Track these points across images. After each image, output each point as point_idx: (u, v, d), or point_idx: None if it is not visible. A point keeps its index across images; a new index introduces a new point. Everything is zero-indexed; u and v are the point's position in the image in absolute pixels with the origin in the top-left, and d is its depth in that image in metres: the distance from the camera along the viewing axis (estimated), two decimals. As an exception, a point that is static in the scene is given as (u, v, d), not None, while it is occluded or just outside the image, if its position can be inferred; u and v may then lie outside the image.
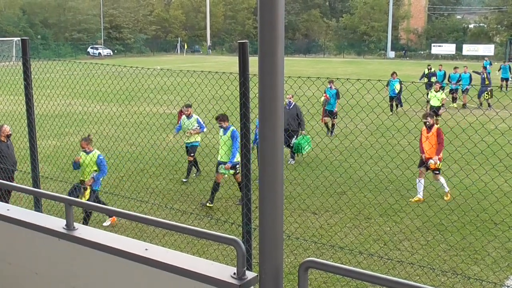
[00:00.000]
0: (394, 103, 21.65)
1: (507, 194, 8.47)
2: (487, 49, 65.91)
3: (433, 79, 25.40)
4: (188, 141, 12.51)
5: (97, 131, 14.77)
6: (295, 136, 13.45)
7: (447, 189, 10.54)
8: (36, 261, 3.36)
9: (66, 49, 70.36)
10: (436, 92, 19.00)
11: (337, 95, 17.45)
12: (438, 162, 10.56)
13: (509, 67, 29.99)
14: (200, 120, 12.43)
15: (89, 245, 3.02)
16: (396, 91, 21.14)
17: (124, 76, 7.88)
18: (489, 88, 22.69)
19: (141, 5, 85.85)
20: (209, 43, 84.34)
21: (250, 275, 2.52)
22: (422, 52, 71.05)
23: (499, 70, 31.89)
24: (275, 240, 2.39)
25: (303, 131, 13.60)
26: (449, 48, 68.48)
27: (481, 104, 22.45)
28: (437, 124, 16.26)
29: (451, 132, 8.53)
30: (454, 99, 24.37)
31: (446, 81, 25.46)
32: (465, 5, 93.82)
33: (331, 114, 17.77)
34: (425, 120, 10.81)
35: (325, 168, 13.09)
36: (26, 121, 7.32)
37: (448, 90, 24.30)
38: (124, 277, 2.92)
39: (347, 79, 5.82)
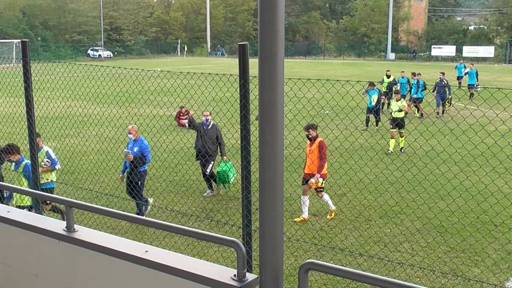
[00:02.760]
0: (371, 116, 19.50)
1: (507, 196, 8.46)
2: (487, 51, 65.99)
3: (395, 87, 22.39)
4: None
5: (97, 133, 14.78)
6: (212, 163, 11.46)
7: (332, 207, 9.96)
8: (36, 263, 3.36)
9: (66, 51, 70.43)
10: (397, 101, 16.41)
11: None
12: (320, 181, 9.77)
13: (476, 73, 27.31)
14: (52, 154, 9.45)
15: (89, 247, 3.02)
16: (373, 103, 18.89)
17: (124, 78, 7.89)
18: (449, 96, 21.67)
19: (141, 7, 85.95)
20: (211, 46, 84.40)
21: (250, 277, 2.52)
22: (422, 54, 71.08)
23: (455, 68, 30.95)
24: (275, 242, 2.40)
25: (224, 157, 11.43)
26: (449, 50, 68.50)
27: (443, 112, 21.43)
28: (401, 136, 15.80)
29: (451, 134, 8.53)
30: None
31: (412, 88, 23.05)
32: (465, 7, 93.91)
33: None
34: (307, 133, 9.98)
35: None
36: (26, 123, 7.32)
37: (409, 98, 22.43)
38: (124, 279, 2.92)
39: (347, 81, 5.82)
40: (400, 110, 16.09)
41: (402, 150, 15.55)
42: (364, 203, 10.25)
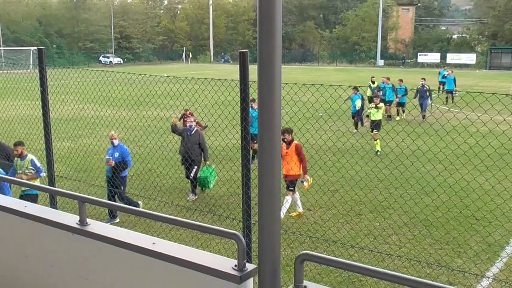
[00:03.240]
0: (357, 120, 18.87)
1: (487, 192, 8.47)
2: (469, 58, 66.02)
3: (379, 93, 21.59)
4: (24, 189, 8.69)
5: (108, 134, 14.76)
6: (196, 168, 10.97)
7: (300, 208, 9.74)
8: (51, 254, 3.36)
9: (79, 58, 70.39)
10: (376, 106, 15.89)
11: None
12: (309, 179, 9.65)
13: (454, 79, 26.22)
14: (36, 162, 8.83)
15: (101, 239, 3.02)
16: (357, 108, 18.29)
17: (134, 83, 7.88)
18: (429, 102, 20.76)
19: (149, 17, 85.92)
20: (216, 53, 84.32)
21: (250, 267, 2.52)
22: (409, 61, 71.11)
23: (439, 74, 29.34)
24: (273, 234, 2.39)
25: (207, 162, 11.03)
26: (434, 57, 68.53)
27: (423, 117, 20.28)
28: (375, 139, 14.99)
29: (436, 134, 8.53)
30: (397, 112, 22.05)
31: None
32: (449, 17, 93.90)
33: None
34: (282, 137, 9.52)
35: (319, 167, 13.08)
36: (42, 124, 7.31)
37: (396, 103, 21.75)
38: (133, 269, 2.92)
39: (340, 85, 5.82)
40: (377, 107, 15.69)
41: (378, 153, 14.71)
42: (355, 199, 10.25)
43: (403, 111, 21.65)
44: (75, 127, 12.91)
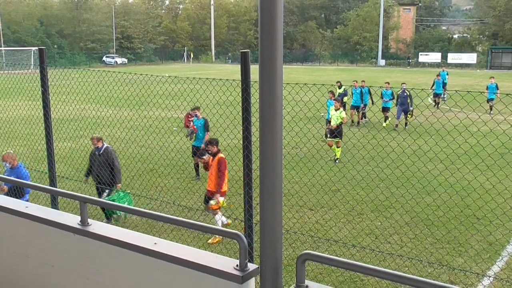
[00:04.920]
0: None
1: (488, 192, 8.46)
2: (470, 58, 66.01)
3: (345, 99, 20.69)
4: None
5: (110, 134, 14.77)
6: (108, 191, 9.32)
7: (220, 223, 8.73)
8: (53, 254, 3.36)
9: (80, 58, 70.46)
10: (336, 110, 14.60)
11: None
12: (221, 200, 8.61)
13: (442, 82, 25.43)
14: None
15: (102, 239, 3.02)
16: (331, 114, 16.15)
17: (135, 83, 7.88)
18: (410, 108, 19.06)
19: (151, 17, 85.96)
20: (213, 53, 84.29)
21: (251, 266, 2.52)
22: (410, 61, 71.11)
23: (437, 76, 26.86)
24: (274, 234, 2.39)
25: (119, 184, 9.34)
26: (435, 57, 68.52)
27: (405, 124, 19.35)
28: (338, 146, 14.00)
29: (437, 134, 8.53)
30: (363, 115, 20.85)
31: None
32: (449, 17, 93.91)
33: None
34: (206, 149, 9.07)
35: (320, 167, 13.08)
36: (43, 124, 7.32)
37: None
38: (135, 269, 2.92)
39: (350, 86, 5.81)
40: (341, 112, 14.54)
41: (337, 161, 14.04)
42: (357, 198, 10.24)
43: (387, 117, 20.23)
44: (76, 127, 12.92)
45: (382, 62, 71.46)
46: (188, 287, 2.69)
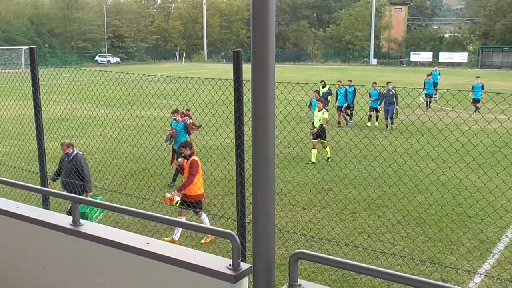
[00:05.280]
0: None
1: (479, 190, 8.52)
2: (461, 57, 66.45)
3: (330, 98, 20.37)
4: None
5: (101, 134, 14.71)
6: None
7: (177, 237, 8.38)
8: (44, 255, 3.34)
9: (72, 57, 70.05)
10: (319, 111, 14.46)
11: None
12: (177, 198, 8.47)
13: (433, 82, 25.12)
14: None
15: (94, 240, 3.00)
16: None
17: (127, 82, 7.85)
18: (396, 107, 18.93)
19: (142, 16, 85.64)
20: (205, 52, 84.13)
21: (244, 266, 2.51)
22: (403, 60, 71.45)
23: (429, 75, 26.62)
24: (267, 233, 2.39)
25: (89, 193, 8.85)
26: (426, 56, 68.88)
27: (391, 124, 19.17)
28: (324, 147, 13.91)
29: (428, 133, 8.57)
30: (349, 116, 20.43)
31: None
32: (441, 16, 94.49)
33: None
34: (180, 152, 9.01)
35: (313, 166, 13.11)
36: (34, 124, 7.27)
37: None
38: (127, 270, 2.91)
39: (333, 84, 5.83)
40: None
41: (329, 160, 14.10)
42: (349, 197, 10.27)
43: (377, 118, 20.10)
44: (68, 127, 12.85)
45: (374, 61, 71.73)
46: (181, 286, 2.68)
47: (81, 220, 3.17)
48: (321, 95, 19.07)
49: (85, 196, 8.43)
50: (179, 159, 9.24)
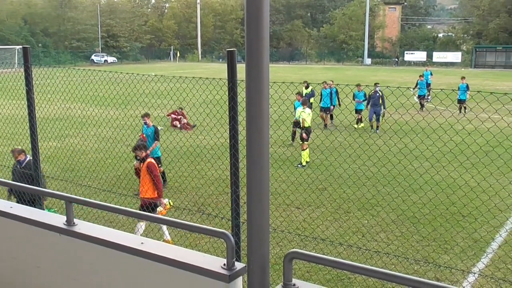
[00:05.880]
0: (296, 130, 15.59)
1: (473, 189, 8.56)
2: (455, 56, 66.73)
3: (312, 100, 19.51)
4: None
5: (95, 133, 14.66)
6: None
7: (167, 236, 8.28)
8: (38, 255, 3.33)
9: (66, 57, 69.75)
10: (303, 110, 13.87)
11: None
12: (167, 202, 8.39)
13: (425, 83, 24.24)
14: None
15: (88, 239, 2.99)
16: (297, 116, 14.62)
17: (121, 82, 7.83)
18: (383, 110, 17.97)
19: (136, 16, 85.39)
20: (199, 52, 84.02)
21: (239, 265, 2.52)
22: (396, 59, 71.69)
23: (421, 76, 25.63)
24: (261, 233, 2.39)
25: (44, 200, 8.32)
26: (420, 56, 69.11)
27: (377, 127, 18.21)
28: (303, 149, 13.18)
29: (423, 132, 8.60)
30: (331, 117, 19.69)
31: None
32: (434, 16, 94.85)
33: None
34: (135, 154, 8.73)
35: (307, 165, 13.12)
36: (28, 123, 7.24)
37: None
38: (121, 269, 2.90)
39: (319, 84, 5.83)
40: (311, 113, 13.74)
41: (300, 165, 13.33)
42: (344, 197, 10.29)
43: (361, 120, 19.21)
44: (62, 126, 12.80)
45: (368, 61, 71.90)
46: (175, 286, 2.68)
47: (75, 220, 3.17)
48: (303, 96, 17.90)
49: (40, 203, 7.95)
50: (135, 162, 8.94)
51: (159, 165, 10.48)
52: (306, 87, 19.69)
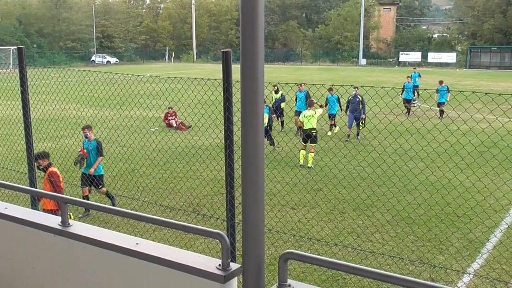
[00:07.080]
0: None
1: (468, 190, 8.59)
2: (450, 57, 66.93)
3: (283, 105, 18.12)
4: None
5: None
6: None
7: None
8: (33, 256, 3.32)
9: (60, 57, 69.54)
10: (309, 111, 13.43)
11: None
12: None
13: (412, 87, 22.51)
14: None
15: (83, 240, 2.99)
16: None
17: (116, 83, 7.81)
18: (362, 116, 16.42)
19: (131, 16, 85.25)
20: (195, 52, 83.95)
21: (234, 266, 2.52)
22: (391, 60, 71.83)
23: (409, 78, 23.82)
24: (257, 233, 2.39)
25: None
26: (415, 56, 69.29)
27: (357, 134, 16.91)
28: (311, 151, 12.99)
29: (417, 133, 8.63)
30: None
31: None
32: (429, 16, 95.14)
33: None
34: (37, 164, 8.19)
35: (303, 167, 13.12)
36: (23, 124, 7.22)
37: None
38: (117, 270, 2.90)
39: (322, 84, 5.85)
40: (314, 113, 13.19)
41: (311, 167, 13.10)
42: (338, 197, 10.31)
43: (334, 125, 17.76)
44: (57, 127, 12.76)
45: (363, 61, 72.04)
46: (170, 287, 2.68)
47: (70, 221, 3.16)
48: (273, 102, 17.46)
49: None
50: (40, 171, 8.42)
51: (100, 186, 10.06)
52: (276, 92, 18.18)
